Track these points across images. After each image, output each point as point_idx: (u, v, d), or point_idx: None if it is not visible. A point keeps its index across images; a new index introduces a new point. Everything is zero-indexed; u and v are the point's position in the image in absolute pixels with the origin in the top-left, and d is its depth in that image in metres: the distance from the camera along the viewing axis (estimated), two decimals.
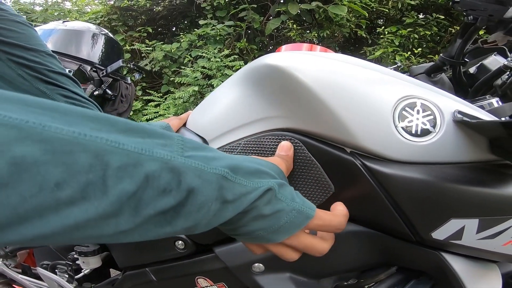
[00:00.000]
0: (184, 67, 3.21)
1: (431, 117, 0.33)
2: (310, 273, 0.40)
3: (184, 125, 0.54)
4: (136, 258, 0.51)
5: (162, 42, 3.57)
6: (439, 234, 0.33)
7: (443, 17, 3.29)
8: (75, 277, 0.60)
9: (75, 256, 0.58)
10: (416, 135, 0.33)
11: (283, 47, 0.62)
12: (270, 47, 3.72)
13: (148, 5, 3.81)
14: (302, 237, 0.30)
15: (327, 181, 0.36)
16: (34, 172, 0.16)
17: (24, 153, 0.16)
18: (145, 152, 0.21)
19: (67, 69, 1.35)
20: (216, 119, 0.45)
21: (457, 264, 0.35)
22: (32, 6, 4.52)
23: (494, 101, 0.44)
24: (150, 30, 3.80)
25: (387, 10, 3.40)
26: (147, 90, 3.46)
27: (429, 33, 3.27)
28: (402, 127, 0.33)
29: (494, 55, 0.59)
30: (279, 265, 0.40)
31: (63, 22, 1.47)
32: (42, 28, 1.42)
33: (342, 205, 0.33)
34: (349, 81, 0.34)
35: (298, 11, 3.22)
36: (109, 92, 1.42)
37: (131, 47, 3.62)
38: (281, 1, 3.36)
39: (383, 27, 3.32)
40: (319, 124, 0.36)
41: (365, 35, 3.45)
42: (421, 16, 3.48)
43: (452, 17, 3.43)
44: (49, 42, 1.37)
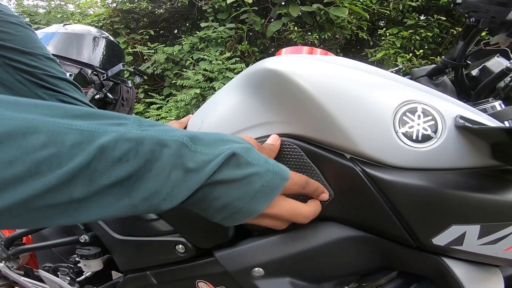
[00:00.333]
0: (186, 70, 3.22)
1: (432, 123, 0.33)
2: (310, 278, 0.40)
3: (184, 129, 0.54)
4: (137, 261, 0.51)
5: (164, 45, 3.59)
6: (440, 240, 0.33)
7: (445, 18, 3.29)
8: (77, 280, 0.60)
9: (77, 259, 0.58)
10: (417, 141, 0.33)
11: (283, 50, 0.62)
12: (272, 49, 3.72)
13: (150, 8, 3.83)
14: (284, 203, 0.30)
15: (327, 187, 0.36)
16: None
17: None
18: (99, 130, 0.22)
19: (68, 73, 1.37)
20: (216, 124, 0.45)
21: (458, 269, 0.35)
22: (36, 9, 4.56)
23: (497, 104, 0.44)
24: (152, 33, 3.82)
25: (388, 12, 3.40)
26: (149, 93, 3.47)
27: (431, 35, 3.27)
28: (403, 133, 0.33)
29: (497, 57, 0.58)
30: (279, 270, 0.40)
31: (64, 26, 1.48)
32: (44, 32, 1.44)
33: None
34: (349, 86, 0.34)
35: (299, 13, 3.23)
36: (110, 96, 1.42)
37: (133, 50, 3.64)
38: (282, 4, 3.36)
39: (384, 29, 3.32)
40: (319, 130, 0.36)
41: (367, 37, 3.45)
42: (423, 18, 3.47)
43: (454, 18, 3.42)
44: (50, 46, 1.38)
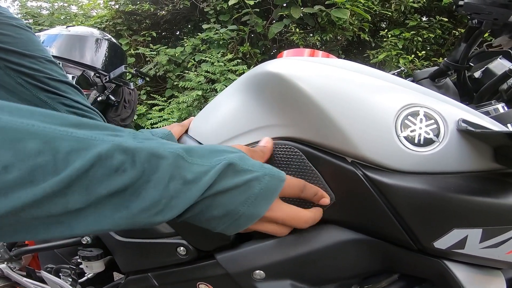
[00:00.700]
0: (188, 71, 3.23)
1: (435, 126, 0.33)
2: (311, 280, 0.40)
3: (186, 132, 0.55)
4: (139, 263, 0.51)
5: (166, 46, 3.60)
6: (441, 244, 0.33)
7: (447, 20, 3.28)
8: (79, 281, 0.60)
9: (79, 260, 0.58)
10: (419, 145, 0.33)
11: (285, 52, 0.62)
12: (273, 51, 3.73)
13: (152, 10, 3.84)
14: (284, 207, 0.31)
15: (328, 191, 0.36)
16: None
17: None
18: (96, 139, 0.22)
19: (71, 75, 1.37)
20: (218, 126, 0.45)
21: (460, 272, 0.35)
22: (39, 10, 4.59)
23: (500, 107, 0.44)
24: (154, 34, 3.83)
25: (390, 13, 3.39)
26: (152, 95, 3.48)
27: (433, 36, 3.26)
28: (405, 137, 0.33)
29: (499, 59, 0.58)
30: (280, 272, 0.40)
31: (67, 27, 1.49)
32: (47, 33, 1.45)
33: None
34: (351, 89, 0.34)
35: (301, 15, 3.23)
36: (112, 98, 1.43)
37: (136, 51, 3.66)
38: (284, 5, 3.37)
39: (386, 30, 3.31)
40: (320, 133, 0.36)
41: (368, 38, 3.45)
42: (425, 19, 3.46)
43: (456, 20, 3.41)
44: (53, 48, 1.39)
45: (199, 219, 0.28)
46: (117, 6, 3.98)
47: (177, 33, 4.35)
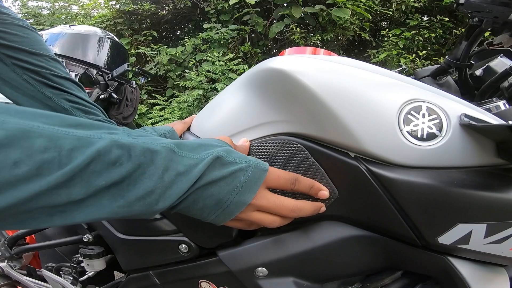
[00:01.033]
0: (189, 71, 3.23)
1: (437, 121, 0.33)
2: (314, 277, 0.40)
3: (188, 129, 0.55)
4: (140, 261, 0.51)
5: (167, 46, 3.60)
6: (446, 239, 0.33)
7: (448, 19, 3.27)
8: (80, 280, 0.60)
9: (80, 259, 0.58)
10: (422, 139, 0.33)
11: (287, 51, 0.62)
12: (274, 51, 3.73)
13: (153, 9, 3.84)
14: (269, 195, 0.33)
15: (331, 186, 0.36)
16: None
17: None
18: (94, 137, 0.24)
19: (74, 73, 1.38)
20: (220, 123, 0.45)
21: (464, 268, 0.34)
22: (40, 10, 4.60)
23: (501, 104, 0.44)
24: (155, 34, 3.84)
25: (391, 13, 3.39)
26: (152, 94, 3.48)
27: (434, 35, 3.26)
28: (408, 131, 0.33)
29: (500, 57, 0.58)
30: (283, 270, 0.40)
31: (70, 26, 1.49)
32: (49, 32, 1.45)
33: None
34: (353, 85, 0.34)
35: (302, 15, 3.23)
36: (115, 96, 1.43)
37: (137, 51, 3.66)
38: (285, 5, 3.37)
39: (387, 30, 3.31)
40: (323, 129, 0.36)
41: (369, 38, 3.45)
42: (425, 18, 3.46)
43: (457, 19, 3.41)
44: (56, 46, 1.39)
45: (193, 209, 0.31)
46: (118, 6, 3.99)
47: (178, 33, 4.36)
